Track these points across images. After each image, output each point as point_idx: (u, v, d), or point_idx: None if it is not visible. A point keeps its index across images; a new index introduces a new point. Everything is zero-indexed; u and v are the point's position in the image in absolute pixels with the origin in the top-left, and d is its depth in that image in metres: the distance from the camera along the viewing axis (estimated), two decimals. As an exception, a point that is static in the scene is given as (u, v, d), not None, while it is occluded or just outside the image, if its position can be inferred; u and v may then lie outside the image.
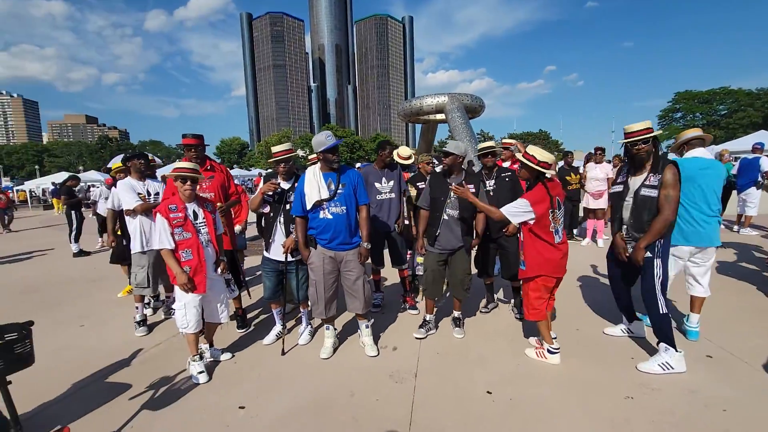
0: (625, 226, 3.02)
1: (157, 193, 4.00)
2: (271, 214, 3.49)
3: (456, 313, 3.78)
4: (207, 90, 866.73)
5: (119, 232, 4.62)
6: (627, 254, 2.98)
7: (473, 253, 3.93)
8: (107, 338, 3.86)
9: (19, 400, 2.20)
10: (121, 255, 4.83)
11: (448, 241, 3.48)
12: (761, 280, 4.87)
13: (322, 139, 3.09)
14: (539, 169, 2.86)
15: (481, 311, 4.24)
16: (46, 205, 25.62)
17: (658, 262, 2.87)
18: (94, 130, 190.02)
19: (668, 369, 2.82)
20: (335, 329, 3.52)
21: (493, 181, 3.87)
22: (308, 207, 3.13)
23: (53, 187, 22.34)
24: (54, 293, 5.41)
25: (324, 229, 3.16)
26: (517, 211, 2.89)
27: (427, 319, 3.74)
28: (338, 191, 3.15)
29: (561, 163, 7.68)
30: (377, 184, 4.13)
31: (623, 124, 2.94)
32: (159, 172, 5.33)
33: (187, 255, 2.95)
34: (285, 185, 3.48)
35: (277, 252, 3.48)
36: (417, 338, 3.61)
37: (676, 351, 2.84)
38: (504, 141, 5.18)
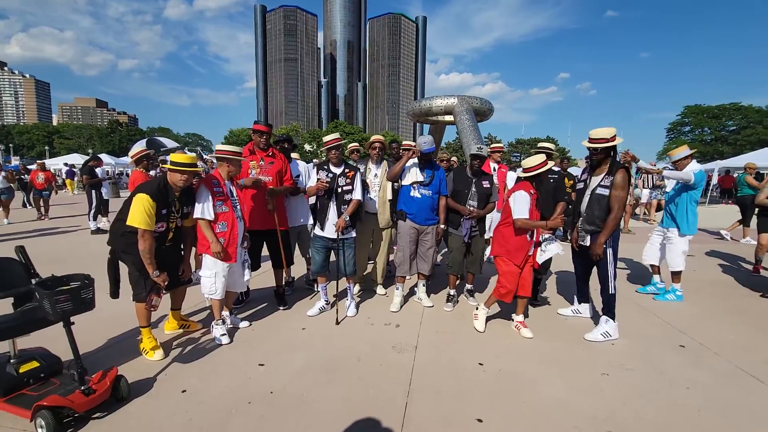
0: (580, 218, 3.47)
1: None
2: (326, 197, 3.88)
3: (469, 286, 4.48)
4: (221, 81, 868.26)
5: None
6: (578, 243, 3.50)
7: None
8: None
9: (60, 349, 2.56)
10: None
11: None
12: (747, 283, 5.18)
13: (421, 144, 3.99)
14: None
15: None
16: (58, 186, 26.05)
17: (610, 251, 3.35)
18: (103, 114, 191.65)
19: (608, 337, 3.38)
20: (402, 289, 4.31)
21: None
22: (404, 182, 4.11)
23: (67, 168, 22.81)
24: (78, 265, 5.76)
25: (413, 205, 4.07)
26: None
27: (452, 293, 4.31)
28: (429, 180, 4.03)
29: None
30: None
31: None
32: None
33: (223, 227, 3.26)
34: (336, 170, 3.87)
35: (329, 230, 3.88)
36: (446, 311, 4.17)
37: (614, 321, 3.45)
38: (493, 145, 5.62)
